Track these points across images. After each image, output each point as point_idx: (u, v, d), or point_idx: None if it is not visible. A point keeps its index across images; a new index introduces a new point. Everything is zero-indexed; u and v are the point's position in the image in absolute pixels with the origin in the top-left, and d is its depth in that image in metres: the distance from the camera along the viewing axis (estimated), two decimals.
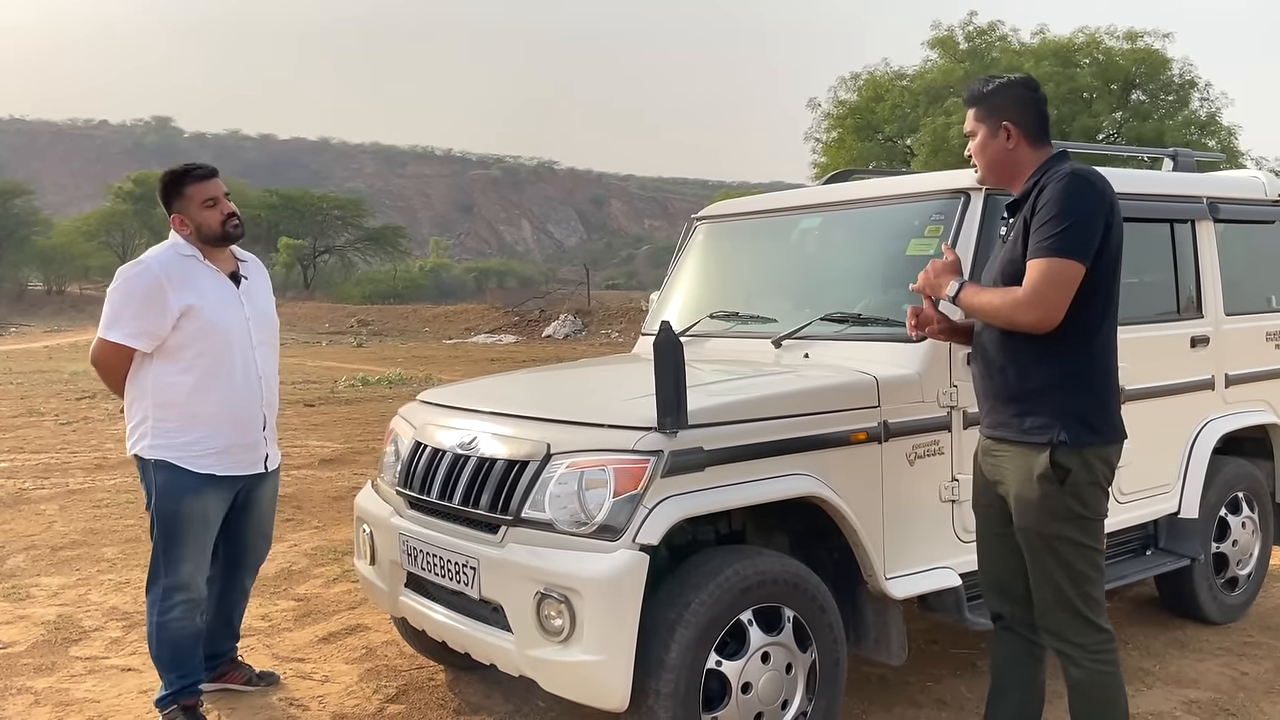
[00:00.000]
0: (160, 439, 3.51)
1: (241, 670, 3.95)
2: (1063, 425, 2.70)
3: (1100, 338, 2.74)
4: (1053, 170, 2.74)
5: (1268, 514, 4.68)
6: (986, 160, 2.87)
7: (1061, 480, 2.70)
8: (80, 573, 5.59)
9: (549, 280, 74.36)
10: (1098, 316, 2.72)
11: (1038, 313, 2.63)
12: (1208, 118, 30.66)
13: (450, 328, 36.42)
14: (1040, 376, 2.73)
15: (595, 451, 2.94)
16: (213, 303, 3.54)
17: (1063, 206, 2.63)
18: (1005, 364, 2.79)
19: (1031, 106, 2.83)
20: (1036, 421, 2.73)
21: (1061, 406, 2.71)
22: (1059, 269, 2.62)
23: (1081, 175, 2.69)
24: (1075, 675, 2.81)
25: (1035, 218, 2.68)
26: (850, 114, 32.65)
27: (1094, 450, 2.72)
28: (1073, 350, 2.71)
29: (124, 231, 62.85)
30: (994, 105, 2.83)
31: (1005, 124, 2.81)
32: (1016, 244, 2.74)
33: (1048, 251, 2.63)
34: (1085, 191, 2.66)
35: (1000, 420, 2.83)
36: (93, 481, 8.06)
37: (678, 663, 2.80)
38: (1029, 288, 2.64)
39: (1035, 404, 2.74)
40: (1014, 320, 2.68)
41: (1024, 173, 2.82)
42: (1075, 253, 2.62)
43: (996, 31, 31.90)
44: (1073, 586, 2.77)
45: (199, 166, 3.66)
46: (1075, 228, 2.62)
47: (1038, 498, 2.73)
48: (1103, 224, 2.66)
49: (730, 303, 4.27)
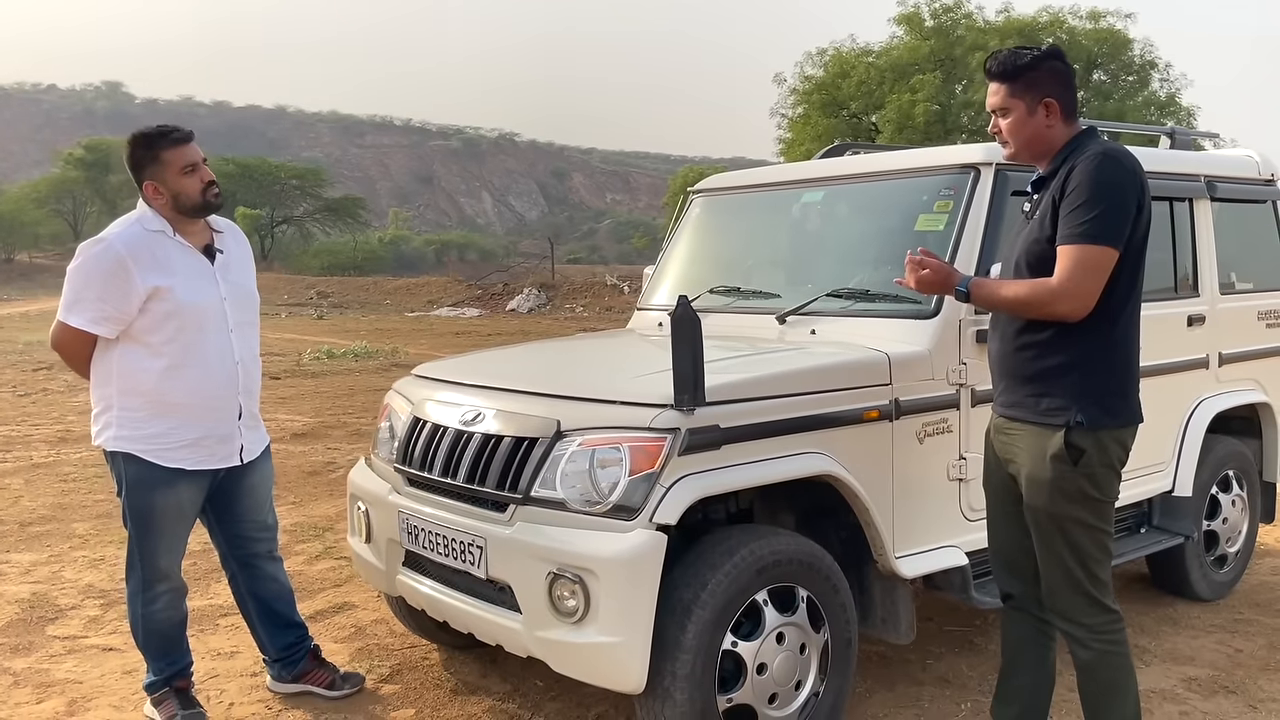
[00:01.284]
0: (126, 429, 3.23)
1: (325, 670, 3.68)
2: (1080, 408, 2.66)
3: (1124, 320, 2.69)
4: (1083, 149, 2.67)
5: (1255, 492, 4.73)
6: (1025, 138, 2.75)
7: (1075, 461, 2.67)
8: (52, 549, 5.44)
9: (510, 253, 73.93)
10: (1123, 299, 2.67)
11: (1075, 303, 2.58)
12: (1167, 98, 30.98)
13: (412, 300, 35.98)
14: (1060, 358, 2.68)
15: (609, 429, 2.87)
16: (184, 282, 3.22)
17: (1095, 190, 2.56)
18: (1024, 344, 2.74)
19: (1068, 81, 2.75)
20: (1054, 403, 2.69)
21: (1080, 389, 2.67)
22: (1094, 255, 2.56)
23: (1113, 156, 2.62)
24: (1084, 657, 2.80)
25: (1066, 200, 2.61)
26: (816, 90, 32.57)
27: (1109, 433, 2.69)
28: (1095, 333, 2.66)
29: (75, 199, 61.46)
30: (1032, 80, 2.71)
31: (1047, 100, 2.70)
32: (1044, 223, 2.67)
33: (1081, 238, 2.56)
34: (1117, 174, 2.60)
35: (1016, 400, 2.79)
36: (58, 455, 7.87)
37: (694, 644, 2.75)
38: (1063, 275, 2.58)
39: (1053, 385, 2.70)
40: (1049, 311, 2.62)
41: (1055, 149, 2.74)
42: (1109, 238, 2.56)
43: (962, 9, 31.95)
44: (1081, 568, 2.74)
45: (175, 129, 3.29)
46: (1108, 212, 2.56)
47: (1050, 478, 2.70)
48: (1134, 207, 2.61)
49: (729, 278, 4.20)
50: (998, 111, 2.78)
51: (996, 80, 2.75)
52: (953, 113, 30.40)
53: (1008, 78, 2.72)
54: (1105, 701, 2.81)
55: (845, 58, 32.33)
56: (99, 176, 57.91)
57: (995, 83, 2.76)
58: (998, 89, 2.75)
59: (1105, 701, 2.81)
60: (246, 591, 3.62)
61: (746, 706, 2.91)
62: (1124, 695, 2.80)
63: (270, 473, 3.62)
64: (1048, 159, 2.76)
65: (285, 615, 3.67)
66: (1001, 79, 2.74)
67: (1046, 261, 2.64)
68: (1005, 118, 2.76)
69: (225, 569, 3.64)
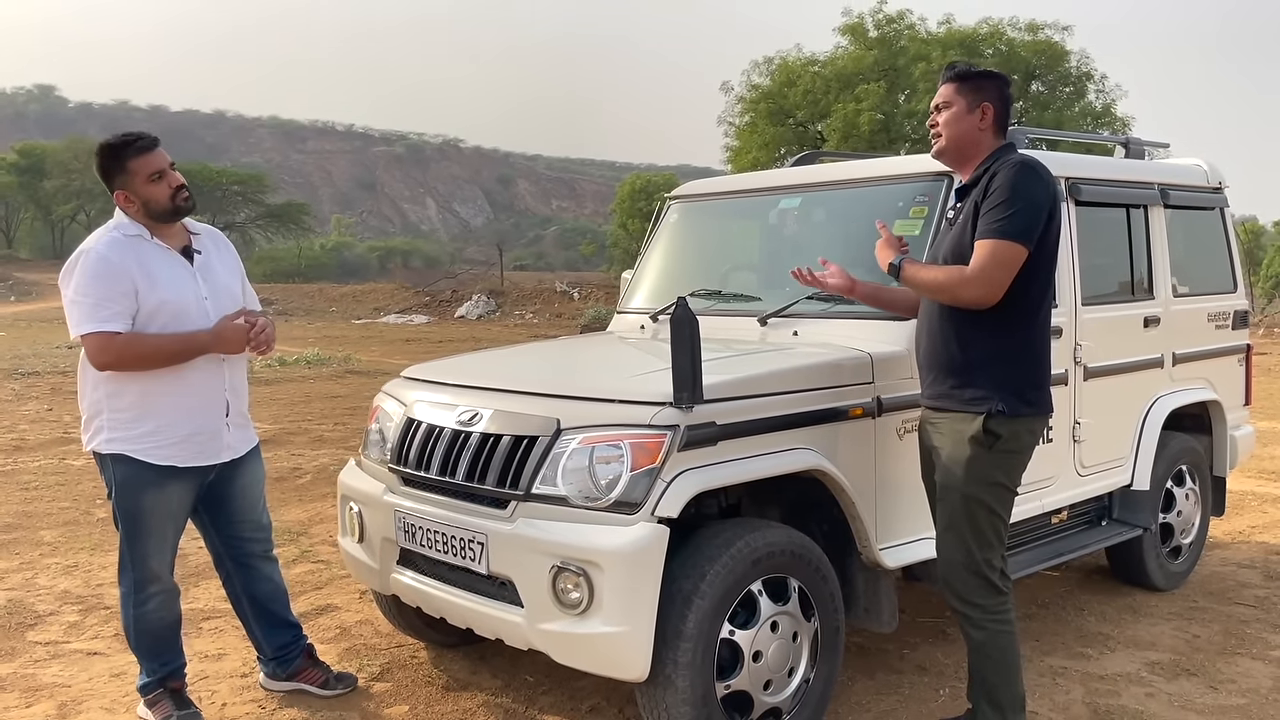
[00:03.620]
0: (116, 431, 3.27)
1: (319, 669, 3.73)
2: (1000, 397, 2.94)
3: (1040, 318, 3.00)
4: (1003, 159, 2.97)
5: (1207, 486, 4.95)
6: (957, 133, 3.03)
7: (990, 446, 2.93)
8: (21, 556, 5.38)
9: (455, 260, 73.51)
10: (1037, 297, 2.96)
11: (982, 290, 2.86)
12: (1103, 109, 31.78)
13: (359, 307, 35.71)
14: (982, 352, 2.97)
15: (609, 427, 2.96)
16: (164, 284, 3.27)
17: (1012, 192, 2.86)
18: (950, 339, 3.02)
19: (1008, 100, 3.08)
20: (976, 393, 2.96)
21: (1001, 380, 2.95)
22: (1005, 250, 2.84)
23: (1030, 165, 2.92)
24: (977, 637, 3.05)
25: (986, 201, 2.90)
26: (763, 98, 32.92)
27: (1024, 421, 2.97)
28: (1014, 328, 2.95)
29: (8, 205, 59.92)
30: (979, 85, 3.03)
31: (985, 104, 3.01)
32: (966, 226, 2.96)
33: (995, 233, 2.85)
34: (1034, 181, 2.90)
35: (942, 391, 3.06)
36: (15, 464, 7.75)
37: (694, 632, 2.85)
38: (976, 266, 2.86)
39: (976, 377, 2.97)
40: (958, 296, 2.90)
41: (979, 156, 3.03)
42: (1021, 236, 2.85)
43: (905, 20, 32.52)
44: (980, 551, 3.00)
45: (140, 136, 3.33)
46: (1022, 213, 2.85)
47: (966, 459, 2.96)
48: (1047, 212, 2.90)
49: (707, 281, 4.31)
50: (940, 107, 3.06)
51: (948, 81, 3.06)
52: (896, 121, 30.92)
53: (958, 78, 3.04)
54: (997, 677, 3.06)
55: (791, 67, 32.73)
56: (33, 181, 56.45)
57: (946, 84, 3.06)
58: (947, 88, 3.06)
59: (997, 677, 3.06)
60: (242, 591, 3.65)
61: (743, 693, 3.02)
62: (1013, 671, 3.07)
63: (262, 473, 3.65)
64: (971, 165, 3.05)
65: (281, 615, 3.71)
66: (953, 79, 3.05)
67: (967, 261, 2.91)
68: (945, 110, 3.04)
69: (220, 570, 3.67)
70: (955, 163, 3.11)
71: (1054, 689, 3.67)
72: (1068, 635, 4.20)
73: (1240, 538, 5.71)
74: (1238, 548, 5.50)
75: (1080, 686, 3.70)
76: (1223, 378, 4.96)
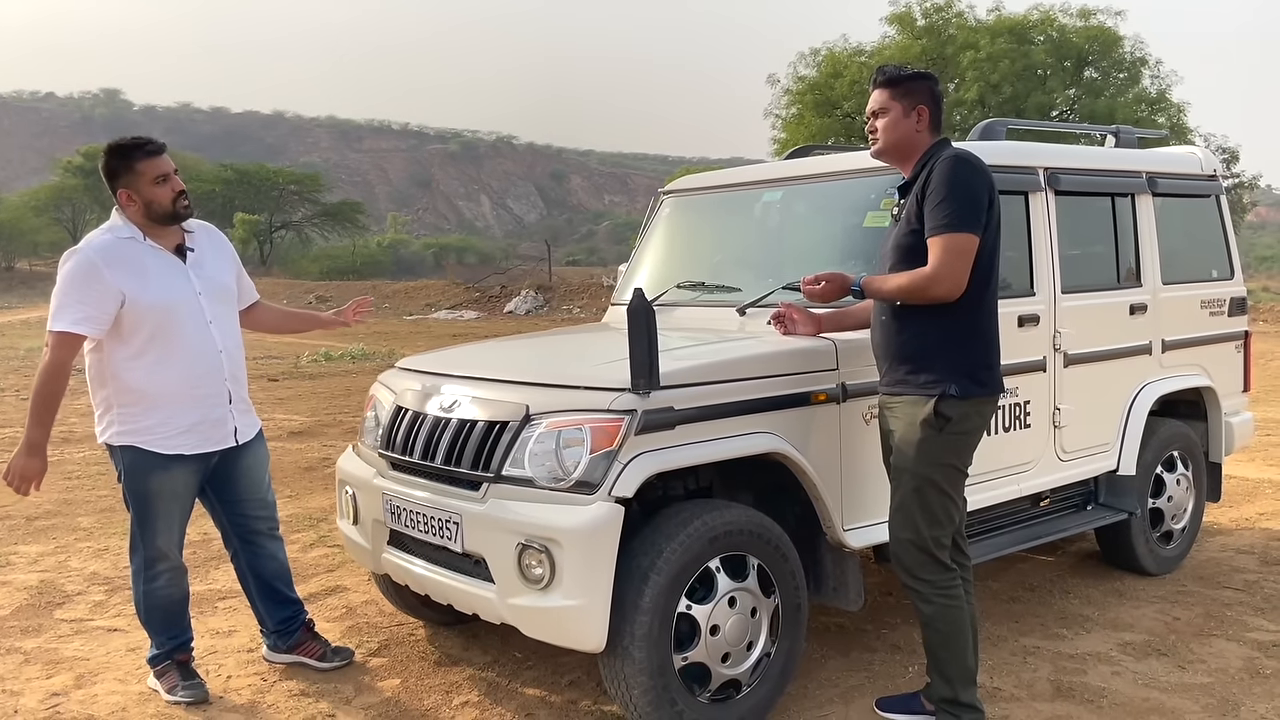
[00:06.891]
0: (125, 424, 3.50)
1: (318, 643, 3.93)
2: (953, 380, 3.06)
3: (986, 302, 3.12)
4: (938, 155, 3.09)
5: (1201, 472, 4.97)
6: (895, 137, 3.17)
7: (940, 429, 3.06)
8: (58, 541, 5.69)
9: (509, 256, 74.01)
10: (983, 283, 3.08)
11: (949, 283, 3.00)
12: (1158, 95, 31.19)
13: (411, 304, 36.22)
14: (934, 337, 3.10)
15: (572, 412, 3.12)
16: (157, 283, 3.46)
17: (951, 186, 3.00)
18: (901, 328, 3.15)
19: (939, 99, 3.21)
20: (930, 377, 3.10)
21: (953, 364, 3.08)
22: (959, 242, 2.98)
23: (964, 159, 3.06)
24: (927, 612, 3.18)
25: (928, 198, 3.03)
26: (809, 90, 32.80)
27: (974, 403, 3.10)
28: (962, 314, 3.08)
29: (74, 206, 61.59)
30: (911, 89, 3.16)
31: (921, 106, 3.14)
32: (910, 220, 3.10)
33: (946, 228, 2.98)
34: (969, 172, 3.04)
35: (898, 378, 3.19)
36: (61, 454, 8.11)
37: (651, 606, 3.00)
38: (935, 262, 2.99)
39: (930, 362, 3.10)
40: (927, 294, 3.02)
41: (916, 154, 3.16)
42: (969, 226, 2.99)
43: (953, 8, 32.19)
44: (929, 529, 3.13)
45: (148, 141, 3.54)
46: (964, 203, 2.98)
47: (918, 439, 3.09)
48: (987, 199, 3.03)
49: (696, 273, 4.45)
50: (876, 113, 3.19)
51: (881, 87, 3.18)
52: (944, 110, 30.61)
53: (891, 84, 3.17)
54: (946, 651, 3.18)
55: (838, 58, 32.56)
56: (97, 183, 57.27)
57: (879, 90, 3.19)
58: (881, 94, 3.18)
59: (946, 651, 3.18)
60: (247, 568, 3.88)
61: (701, 664, 3.16)
62: (963, 645, 3.18)
63: (265, 454, 3.88)
64: (910, 163, 3.18)
65: (283, 591, 3.94)
66: (885, 85, 3.17)
67: (913, 251, 3.07)
68: (882, 117, 3.18)
69: (228, 547, 3.90)
70: (895, 162, 3.25)
71: (1022, 667, 3.76)
72: (1048, 617, 4.28)
73: (1245, 524, 5.70)
74: (1240, 534, 5.51)
75: (1049, 665, 3.78)
76: (1218, 364, 4.98)
